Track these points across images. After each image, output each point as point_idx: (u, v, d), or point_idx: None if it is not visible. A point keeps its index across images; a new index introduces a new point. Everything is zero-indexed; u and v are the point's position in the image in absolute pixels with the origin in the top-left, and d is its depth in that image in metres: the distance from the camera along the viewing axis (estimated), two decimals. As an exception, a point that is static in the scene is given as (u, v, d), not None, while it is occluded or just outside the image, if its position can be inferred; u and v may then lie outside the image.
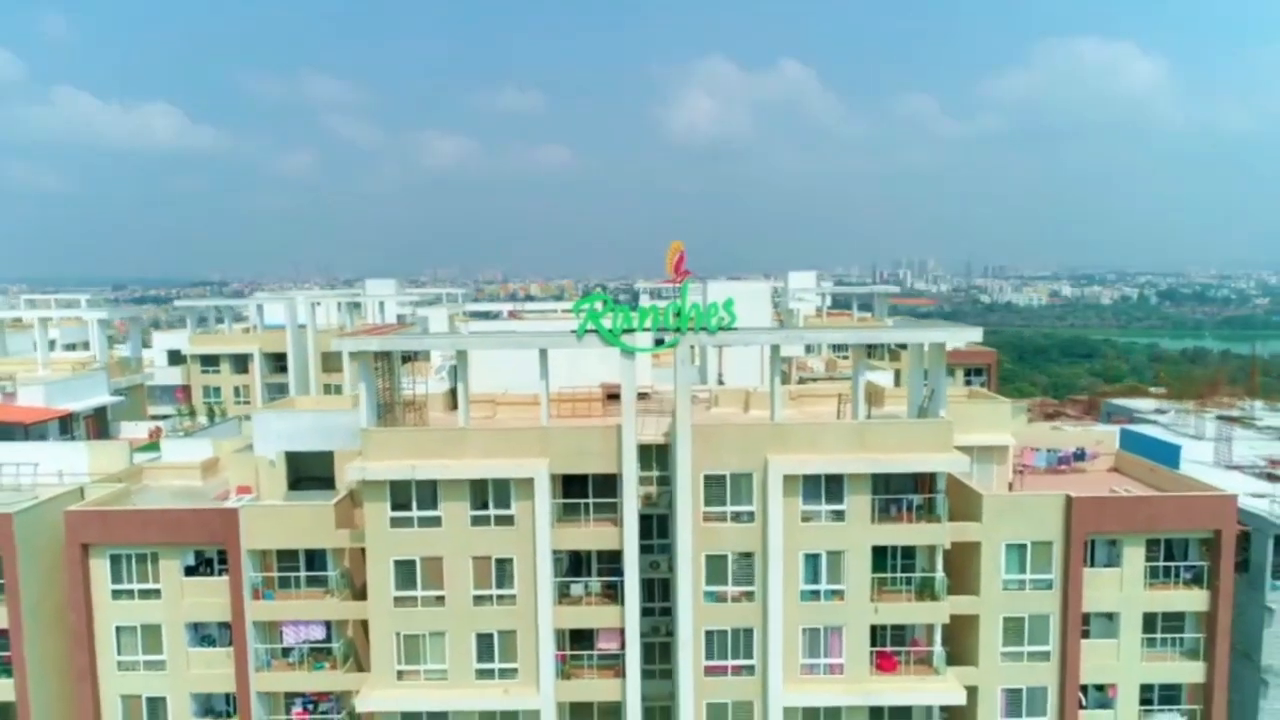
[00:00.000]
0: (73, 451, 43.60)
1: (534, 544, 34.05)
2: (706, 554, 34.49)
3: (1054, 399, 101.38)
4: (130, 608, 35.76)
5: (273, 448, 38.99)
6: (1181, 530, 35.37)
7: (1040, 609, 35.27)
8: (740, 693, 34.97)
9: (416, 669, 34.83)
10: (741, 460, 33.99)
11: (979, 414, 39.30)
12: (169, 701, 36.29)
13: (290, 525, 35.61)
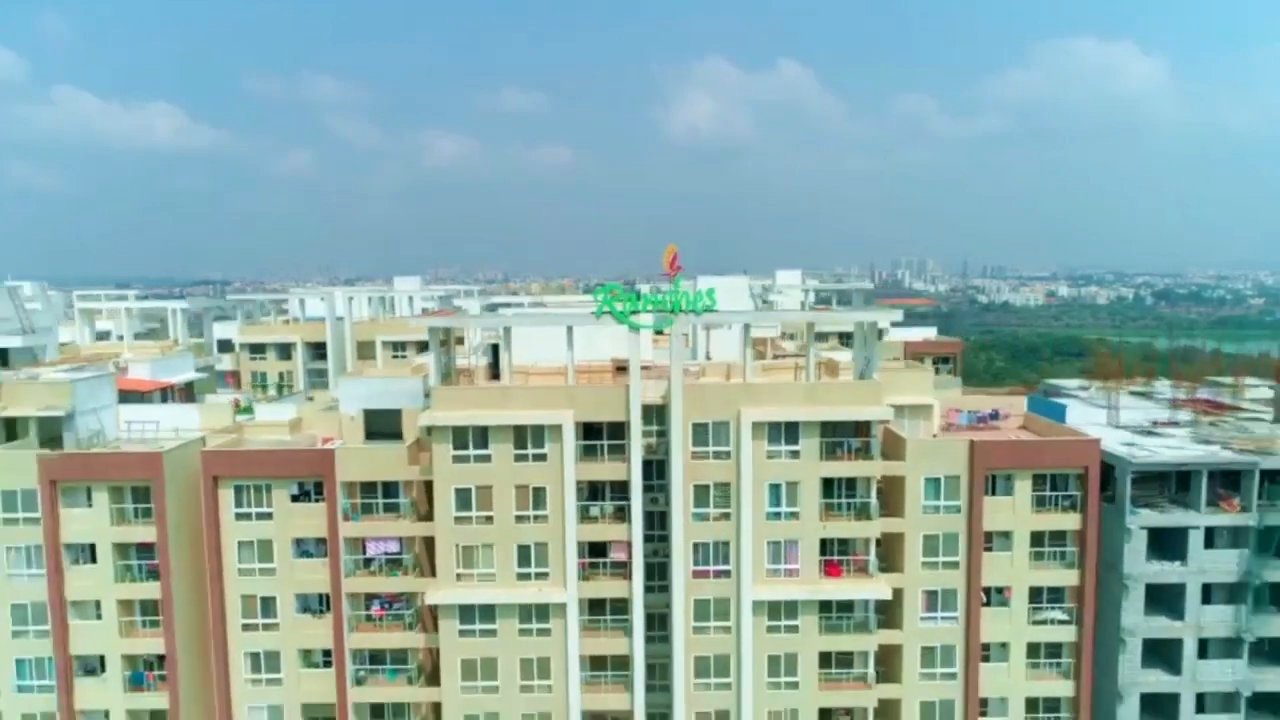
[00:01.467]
0: (186, 412, 54.55)
1: (562, 476, 44.92)
2: (694, 484, 45.36)
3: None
4: (248, 527, 46.65)
5: (354, 406, 49.95)
6: (1059, 467, 46.27)
7: (951, 528, 46.17)
8: (719, 591, 45.87)
9: (471, 572, 45.73)
10: (720, 412, 44.89)
11: (907, 381, 50.32)
12: (277, 600, 47.17)
13: (372, 463, 46.53)
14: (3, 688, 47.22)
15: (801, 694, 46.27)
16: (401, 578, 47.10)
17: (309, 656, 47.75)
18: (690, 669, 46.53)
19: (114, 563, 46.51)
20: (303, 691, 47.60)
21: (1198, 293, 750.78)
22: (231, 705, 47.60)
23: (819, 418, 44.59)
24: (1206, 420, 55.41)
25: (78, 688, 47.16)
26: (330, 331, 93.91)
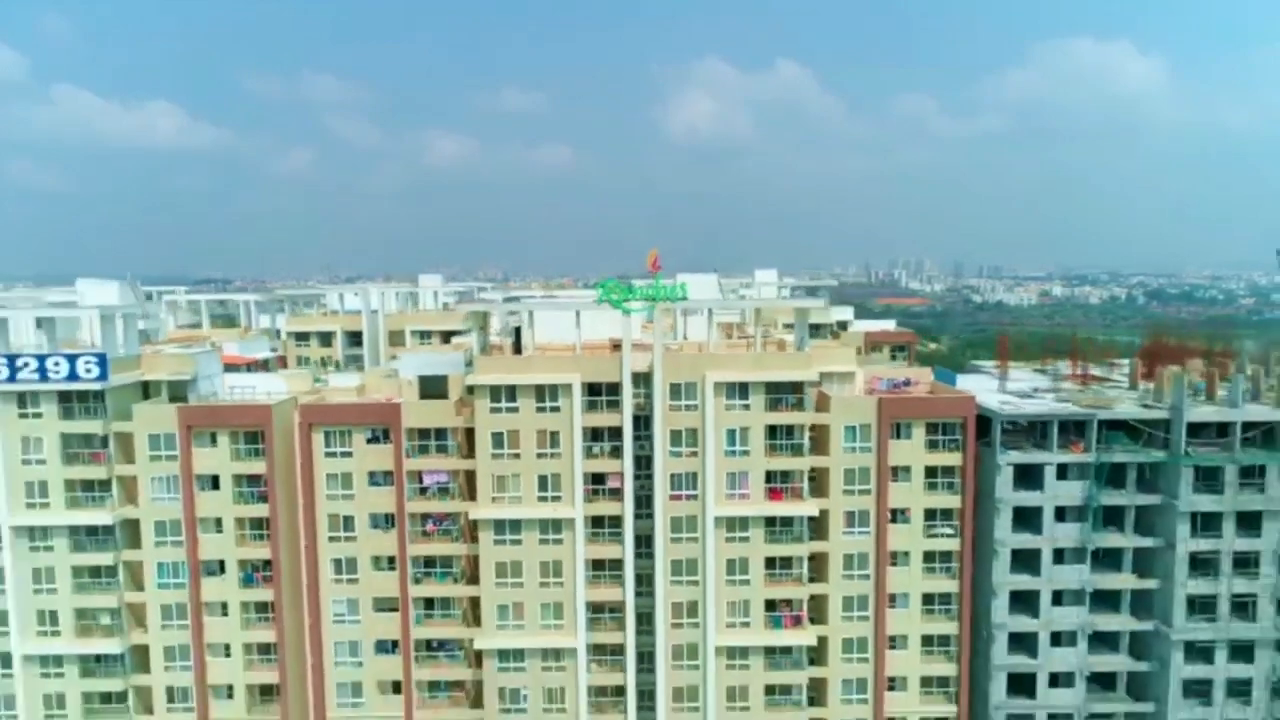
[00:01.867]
0: (274, 379, 69.87)
1: (572, 423, 60.20)
2: (670, 429, 60.64)
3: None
4: (334, 462, 61.96)
5: (411, 373, 65.27)
6: (945, 417, 61.55)
7: (865, 464, 61.45)
8: (690, 510, 61.20)
9: (503, 495, 61.04)
10: (690, 375, 60.17)
11: (835, 355, 65.69)
12: (355, 519, 62.48)
13: (428, 414, 61.85)
14: (148, 585, 62.59)
15: (752, 589, 61.62)
16: (449, 501, 62.44)
17: (378, 562, 63.06)
18: (668, 571, 61.88)
19: (232, 489, 61.89)
20: (374, 589, 62.95)
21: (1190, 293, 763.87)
22: (320, 599, 62.96)
23: (764, 379, 59.94)
24: (1076, 388, 70.67)
25: (204, 585, 62.54)
26: (366, 322, 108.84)
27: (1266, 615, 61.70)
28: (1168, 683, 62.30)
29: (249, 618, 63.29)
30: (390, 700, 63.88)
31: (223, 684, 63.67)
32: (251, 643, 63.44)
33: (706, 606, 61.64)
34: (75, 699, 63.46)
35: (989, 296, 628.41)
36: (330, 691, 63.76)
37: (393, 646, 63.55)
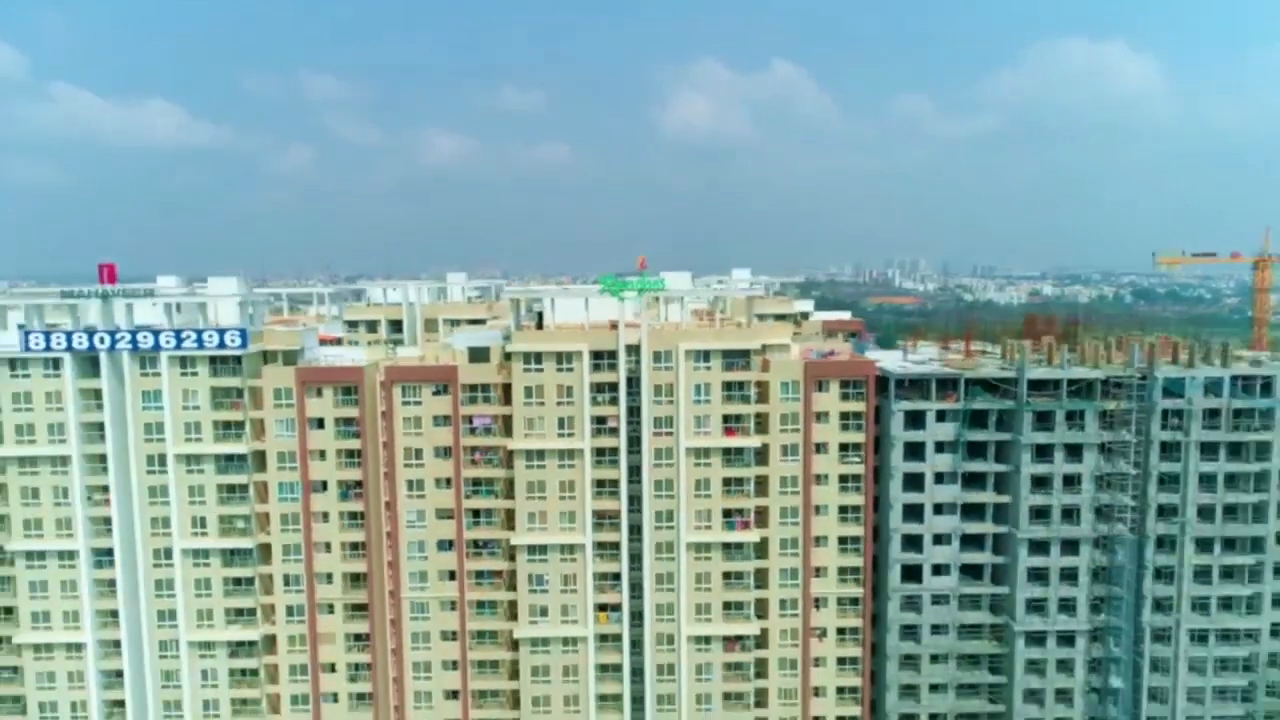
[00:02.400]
0: (357, 350, 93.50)
1: (582, 380, 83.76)
2: (653, 384, 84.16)
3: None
4: (408, 409, 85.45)
5: (462, 344, 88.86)
6: (854, 376, 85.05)
7: (795, 410, 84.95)
8: (668, 443, 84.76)
9: (532, 433, 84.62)
10: (668, 345, 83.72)
11: (775, 332, 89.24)
12: (423, 450, 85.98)
13: (476, 373, 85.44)
14: (271, 499, 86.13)
15: (712, 501, 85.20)
16: (492, 437, 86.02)
17: (439, 482, 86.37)
18: (652, 488, 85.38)
19: (333, 429, 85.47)
20: (436, 502, 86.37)
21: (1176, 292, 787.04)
22: (396, 510, 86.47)
23: (720, 348, 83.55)
24: (961, 359, 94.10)
25: (312, 499, 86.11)
26: (405, 312, 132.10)
27: (1087, 520, 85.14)
28: (1017, 571, 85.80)
29: (345, 523, 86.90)
30: (447, 584, 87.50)
31: (324, 572, 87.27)
32: (346, 542, 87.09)
33: (680, 514, 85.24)
34: (218, 583, 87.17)
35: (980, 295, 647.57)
36: (404, 578, 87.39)
37: (449, 545, 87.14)
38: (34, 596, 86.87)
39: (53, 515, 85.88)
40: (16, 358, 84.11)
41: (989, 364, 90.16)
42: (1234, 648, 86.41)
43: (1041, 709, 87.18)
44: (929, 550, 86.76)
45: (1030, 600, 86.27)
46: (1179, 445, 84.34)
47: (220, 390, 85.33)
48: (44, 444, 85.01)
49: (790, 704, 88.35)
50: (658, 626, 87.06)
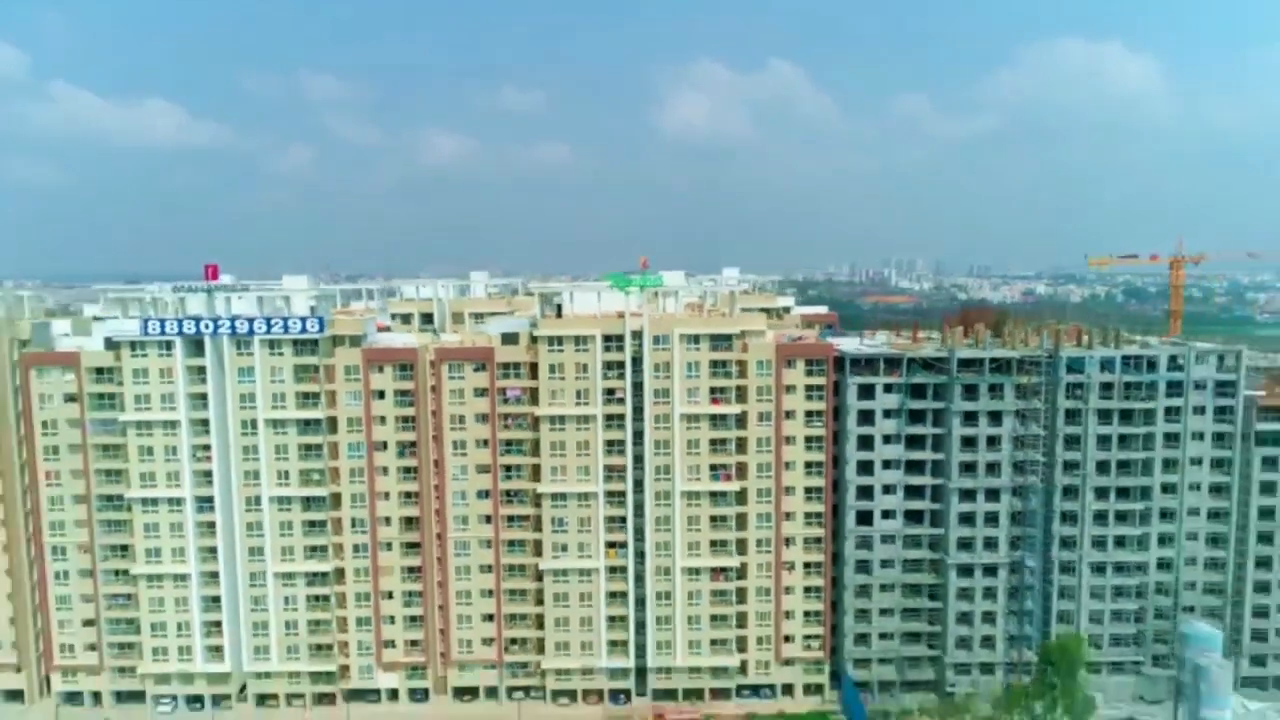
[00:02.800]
0: (408, 335, 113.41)
1: (595, 358, 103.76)
2: (653, 362, 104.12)
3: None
4: (454, 383, 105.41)
5: (496, 329, 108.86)
6: (818, 356, 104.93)
7: (768, 383, 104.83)
8: (665, 410, 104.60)
9: (555, 402, 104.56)
10: (665, 330, 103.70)
11: (753, 320, 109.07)
12: (465, 416, 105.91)
13: (509, 353, 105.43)
14: (341, 456, 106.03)
15: (701, 457, 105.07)
16: (522, 406, 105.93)
17: (479, 443, 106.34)
18: (652, 447, 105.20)
19: (393, 399, 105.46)
20: (476, 459, 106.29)
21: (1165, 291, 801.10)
22: (444, 465, 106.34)
23: (707, 332, 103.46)
24: (909, 343, 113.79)
25: (375, 456, 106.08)
26: (436, 306, 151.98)
27: (1006, 473, 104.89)
28: (950, 515, 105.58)
29: (401, 477, 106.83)
30: (484, 527, 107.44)
31: (383, 516, 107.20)
32: (402, 492, 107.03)
33: (675, 468, 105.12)
34: (298, 525, 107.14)
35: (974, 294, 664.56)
36: (449, 522, 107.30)
37: (486, 494, 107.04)
38: (147, 536, 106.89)
39: (164, 469, 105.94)
40: (136, 340, 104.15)
41: (929, 347, 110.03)
42: (1126, 578, 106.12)
43: (970, 628, 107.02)
44: (878, 499, 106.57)
45: (960, 539, 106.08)
46: (1080, 412, 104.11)
47: (301, 367, 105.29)
48: (157, 411, 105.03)
49: (765, 624, 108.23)
50: (656, 560, 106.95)
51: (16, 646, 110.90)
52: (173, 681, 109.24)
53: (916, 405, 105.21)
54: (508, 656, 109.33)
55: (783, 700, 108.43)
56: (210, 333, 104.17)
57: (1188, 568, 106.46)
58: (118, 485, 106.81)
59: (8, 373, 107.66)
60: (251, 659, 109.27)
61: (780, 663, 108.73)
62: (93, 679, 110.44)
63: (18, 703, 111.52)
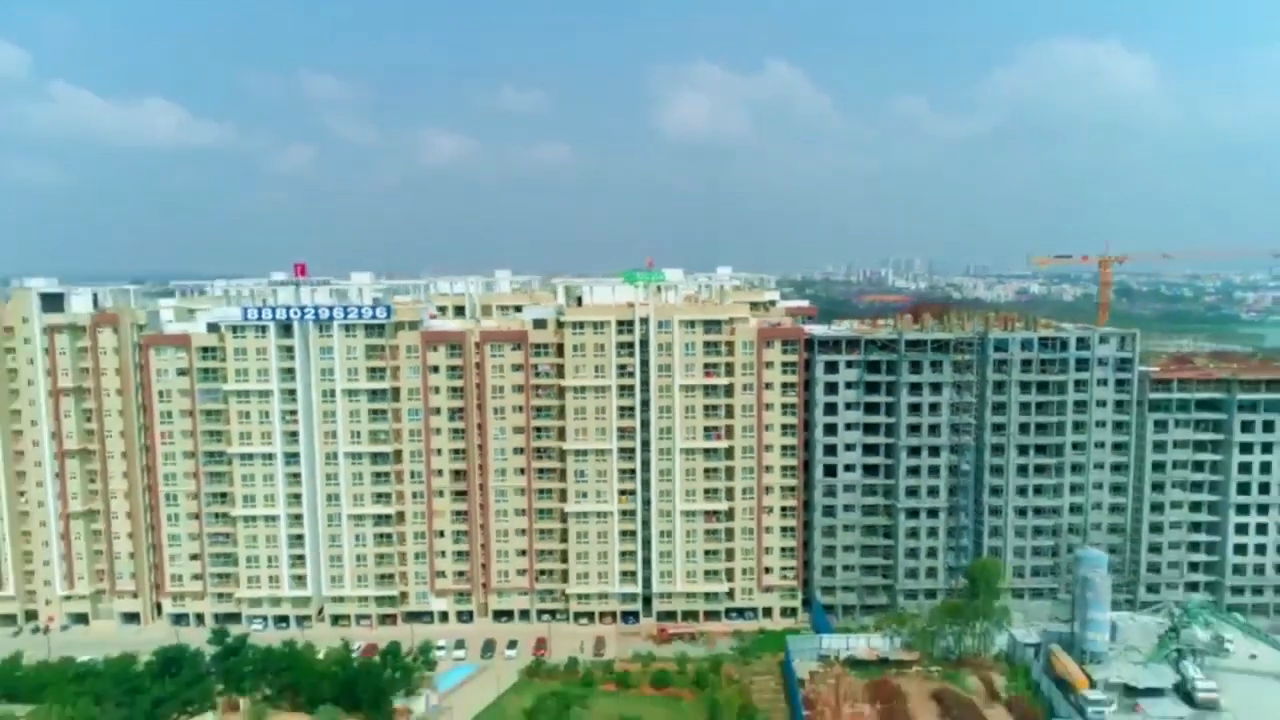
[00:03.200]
0: (453, 321, 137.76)
1: (610, 340, 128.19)
2: (658, 343, 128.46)
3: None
4: (495, 359, 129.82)
5: (529, 316, 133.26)
6: (791, 337, 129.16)
7: (751, 360, 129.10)
8: (667, 382, 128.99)
9: (578, 376, 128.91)
10: (667, 316, 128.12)
11: (737, 308, 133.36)
12: (504, 386, 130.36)
13: (540, 335, 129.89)
14: (403, 419, 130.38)
15: (696, 420, 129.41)
16: (551, 379, 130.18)
17: (516, 409, 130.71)
18: (657, 412, 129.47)
19: (445, 373, 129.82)
20: (512, 422, 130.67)
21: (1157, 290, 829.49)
22: (486, 427, 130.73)
23: (701, 318, 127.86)
24: (868, 329, 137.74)
25: (430, 419, 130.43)
26: (467, 300, 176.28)
27: (945, 435, 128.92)
28: (900, 469, 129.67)
29: (451, 437, 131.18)
30: (519, 478, 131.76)
31: (436, 469, 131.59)
32: (452, 449, 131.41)
33: (675, 430, 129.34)
34: (367, 476, 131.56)
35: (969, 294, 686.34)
36: (491, 474, 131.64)
37: (520, 451, 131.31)
38: (244, 485, 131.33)
39: (258, 430, 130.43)
40: (238, 325, 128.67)
41: (883, 331, 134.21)
42: (1044, 519, 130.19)
43: (916, 560, 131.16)
44: (841, 455, 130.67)
45: (908, 488, 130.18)
46: (1006, 384, 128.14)
47: (371, 347, 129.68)
48: (253, 382, 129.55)
49: (749, 559, 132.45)
50: (660, 505, 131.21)
51: (135, 577, 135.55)
52: (263, 605, 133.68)
53: (872, 379, 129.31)
54: (538, 584, 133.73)
55: (763, 620, 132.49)
56: (298, 319, 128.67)
57: (1094, 511, 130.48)
58: (220, 444, 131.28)
59: (130, 352, 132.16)
60: (328, 586, 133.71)
61: (761, 590, 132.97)
62: (196, 603, 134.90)
63: (134, 624, 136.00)
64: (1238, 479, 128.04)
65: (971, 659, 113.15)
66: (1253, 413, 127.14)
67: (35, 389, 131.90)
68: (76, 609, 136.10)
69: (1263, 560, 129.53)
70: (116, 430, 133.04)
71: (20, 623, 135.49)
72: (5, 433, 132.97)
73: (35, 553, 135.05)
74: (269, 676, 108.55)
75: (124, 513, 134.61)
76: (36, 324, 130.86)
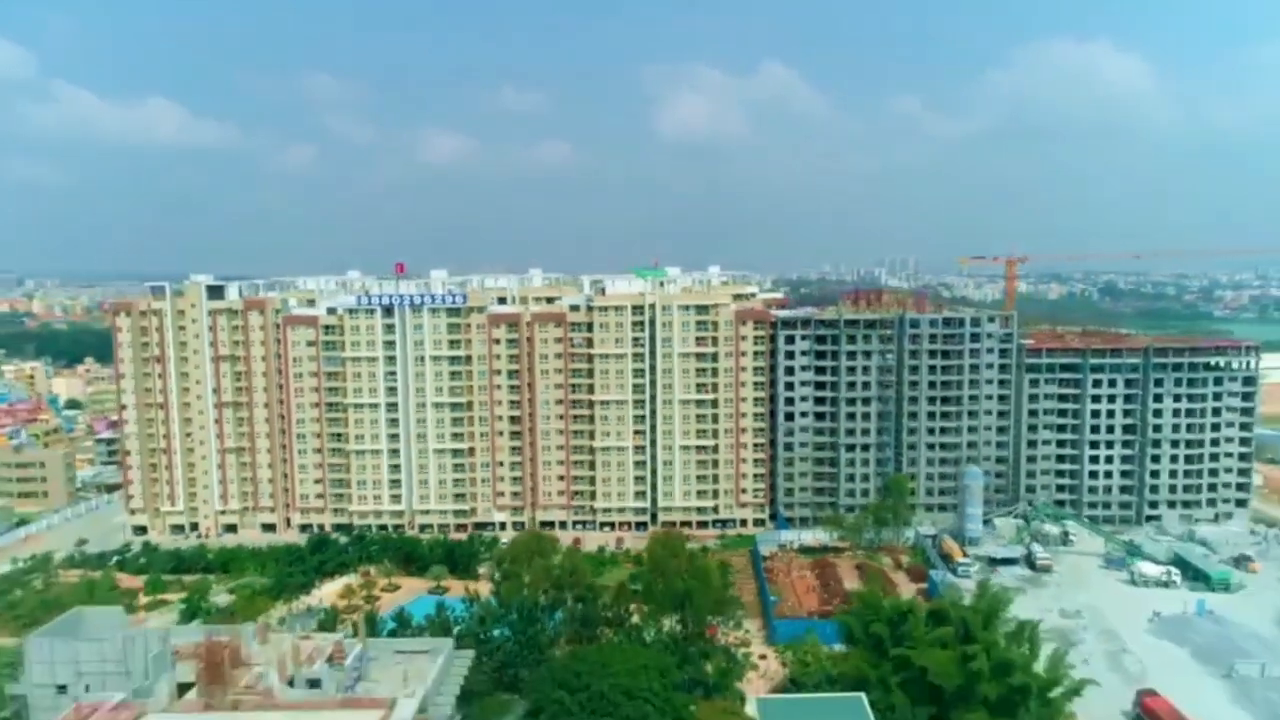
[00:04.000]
0: (508, 306, 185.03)
1: (627, 319, 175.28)
2: (662, 322, 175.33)
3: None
4: (543, 333, 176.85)
5: (566, 303, 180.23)
6: (762, 319, 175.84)
7: (731, 335, 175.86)
8: (669, 350, 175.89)
9: (602, 346, 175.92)
10: (668, 302, 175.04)
11: (721, 296, 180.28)
12: (549, 354, 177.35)
13: (576, 316, 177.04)
14: (475, 380, 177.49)
15: (690, 379, 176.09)
16: (584, 349, 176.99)
17: (558, 373, 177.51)
18: (661, 374, 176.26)
19: (505, 345, 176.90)
20: (554, 383, 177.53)
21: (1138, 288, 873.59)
22: (534, 389, 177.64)
23: (693, 304, 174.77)
24: (818, 311, 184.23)
25: (494, 379, 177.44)
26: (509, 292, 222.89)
27: (874, 390, 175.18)
28: (840, 416, 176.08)
29: (509, 393, 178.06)
30: (559, 422, 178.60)
31: (498, 415, 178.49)
32: (510, 400, 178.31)
33: (674, 386, 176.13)
34: (447, 420, 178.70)
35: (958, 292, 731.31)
36: (539, 418, 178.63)
37: (560, 402, 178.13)
38: (355, 426, 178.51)
39: (367, 386, 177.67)
40: (352, 308, 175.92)
41: (829, 314, 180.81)
42: (947, 452, 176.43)
43: (853, 483, 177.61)
44: (797, 405, 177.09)
45: (846, 429, 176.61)
46: (919, 352, 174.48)
47: (450, 325, 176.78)
48: (364, 350, 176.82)
49: (729, 481, 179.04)
50: (663, 442, 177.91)
51: (272, 496, 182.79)
52: (368, 516, 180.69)
53: (820, 349, 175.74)
54: (573, 501, 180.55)
55: (740, 529, 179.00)
56: (398, 304, 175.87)
57: (985, 446, 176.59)
58: (338, 396, 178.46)
59: (271, 329, 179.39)
60: (417, 502, 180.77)
61: (739, 505, 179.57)
62: (318, 516, 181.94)
63: (271, 532, 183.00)
64: (1090, 422, 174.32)
65: (887, 547, 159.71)
66: (1100, 373, 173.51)
67: (201, 356, 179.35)
68: (228, 521, 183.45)
69: (1110, 482, 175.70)
70: (260, 387, 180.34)
71: (186, 531, 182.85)
72: (179, 389, 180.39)
73: (198, 479, 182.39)
74: (390, 552, 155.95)
75: (265, 449, 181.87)
76: (203, 308, 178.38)
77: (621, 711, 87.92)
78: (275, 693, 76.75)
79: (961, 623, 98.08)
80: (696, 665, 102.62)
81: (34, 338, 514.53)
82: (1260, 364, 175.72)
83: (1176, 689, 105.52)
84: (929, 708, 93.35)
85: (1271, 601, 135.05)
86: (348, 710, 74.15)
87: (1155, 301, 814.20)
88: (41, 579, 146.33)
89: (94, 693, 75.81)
